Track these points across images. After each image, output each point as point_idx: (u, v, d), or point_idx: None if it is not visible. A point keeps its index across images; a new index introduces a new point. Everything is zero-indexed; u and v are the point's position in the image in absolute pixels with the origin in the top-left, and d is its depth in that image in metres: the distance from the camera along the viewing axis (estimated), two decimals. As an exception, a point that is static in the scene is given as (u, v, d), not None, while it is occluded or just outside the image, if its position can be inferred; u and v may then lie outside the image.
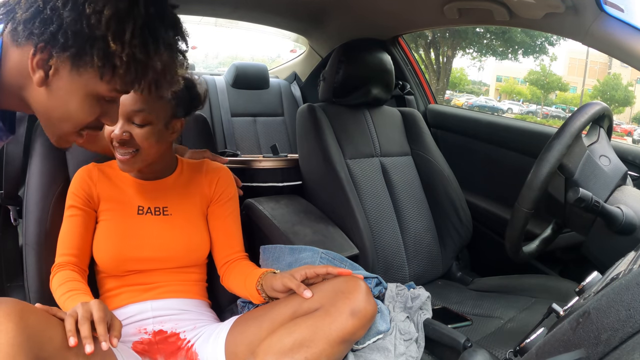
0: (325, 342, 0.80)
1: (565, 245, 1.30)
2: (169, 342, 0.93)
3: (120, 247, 0.96)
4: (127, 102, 0.89)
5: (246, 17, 2.10)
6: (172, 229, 1.00)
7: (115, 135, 0.90)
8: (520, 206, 0.98)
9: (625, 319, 0.38)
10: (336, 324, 0.81)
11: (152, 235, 0.99)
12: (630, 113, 16.91)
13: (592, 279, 0.68)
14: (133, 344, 0.91)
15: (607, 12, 1.05)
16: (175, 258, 1.00)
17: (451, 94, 17.87)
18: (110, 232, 0.98)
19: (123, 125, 0.90)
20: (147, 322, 0.95)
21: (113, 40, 0.60)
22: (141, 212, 1.00)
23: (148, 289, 0.98)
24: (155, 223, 1.00)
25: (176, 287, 1.00)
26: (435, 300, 1.21)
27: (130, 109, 0.89)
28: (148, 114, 0.91)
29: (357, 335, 0.85)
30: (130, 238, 0.97)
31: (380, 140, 1.58)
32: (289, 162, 1.63)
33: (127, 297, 0.97)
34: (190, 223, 1.02)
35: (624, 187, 1.00)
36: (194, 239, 1.02)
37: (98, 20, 0.59)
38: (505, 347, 1.00)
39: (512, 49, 13.73)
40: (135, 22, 0.61)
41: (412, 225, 1.50)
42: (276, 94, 2.50)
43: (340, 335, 0.81)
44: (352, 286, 0.85)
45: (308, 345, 0.80)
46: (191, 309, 1.00)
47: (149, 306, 0.97)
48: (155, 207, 1.02)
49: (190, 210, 1.04)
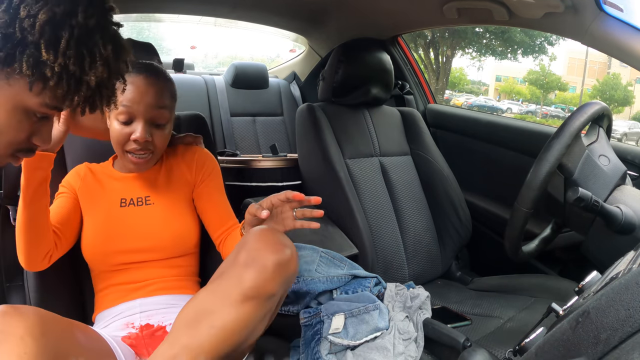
0: (226, 303, 0.71)
1: (564, 245, 1.30)
2: (156, 336, 0.93)
3: (104, 240, 0.96)
4: (151, 100, 0.91)
5: (245, 16, 2.09)
6: (154, 217, 1.00)
7: (138, 137, 0.91)
8: (520, 206, 0.98)
9: (625, 318, 0.38)
10: (231, 280, 0.73)
11: (135, 225, 0.99)
12: (630, 113, 16.93)
13: (591, 279, 0.68)
14: (121, 338, 0.90)
15: (607, 12, 1.05)
16: (161, 247, 0.99)
17: (450, 94, 17.89)
18: (94, 226, 0.98)
19: (145, 127, 0.92)
20: (135, 317, 0.94)
21: (46, 48, 0.55)
22: (124, 205, 1.01)
23: (137, 287, 0.97)
24: (137, 213, 1.00)
25: (166, 284, 0.99)
26: (434, 300, 1.21)
27: (154, 107, 0.92)
28: (169, 112, 0.95)
29: (267, 289, 0.73)
30: (114, 230, 0.97)
31: (380, 140, 1.58)
32: (288, 162, 1.63)
33: (116, 297, 0.97)
34: (173, 210, 1.02)
35: (624, 187, 1.00)
36: (178, 225, 1.01)
37: (32, 24, 0.54)
38: (504, 347, 1.00)
39: (511, 49, 13.75)
40: (72, 32, 0.57)
41: (412, 225, 1.50)
42: (275, 94, 2.50)
43: (240, 291, 0.71)
44: (247, 239, 0.78)
45: (211, 311, 0.72)
46: (179, 303, 0.93)
47: (137, 304, 0.96)
48: (138, 198, 1.02)
49: (174, 198, 1.03)
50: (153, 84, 0.93)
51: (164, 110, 0.94)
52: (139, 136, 0.91)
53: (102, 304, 0.98)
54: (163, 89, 0.95)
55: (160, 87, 0.94)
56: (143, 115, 0.92)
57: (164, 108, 0.94)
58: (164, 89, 0.95)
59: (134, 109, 0.91)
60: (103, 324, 0.94)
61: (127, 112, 0.91)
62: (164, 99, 0.94)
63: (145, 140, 0.92)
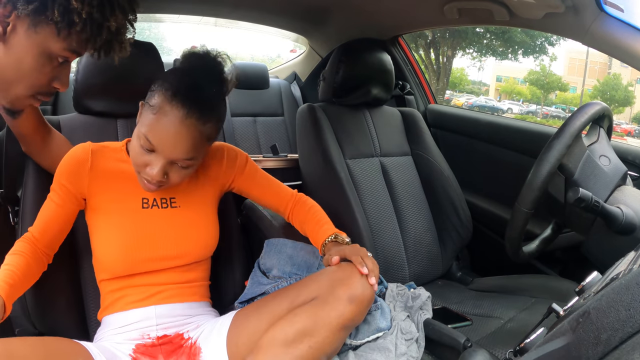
0: (327, 329, 0.80)
1: (565, 245, 1.30)
2: (173, 342, 0.92)
3: (129, 247, 0.89)
4: (180, 149, 0.81)
5: (246, 17, 2.09)
6: (183, 222, 0.93)
7: (152, 176, 0.83)
8: (520, 206, 0.98)
9: (625, 318, 0.38)
10: (335, 311, 0.81)
11: (163, 231, 0.91)
12: (630, 113, 16.91)
13: (592, 279, 0.68)
14: (136, 345, 0.90)
15: (607, 12, 1.05)
16: (187, 255, 0.94)
17: (451, 94, 17.89)
18: (115, 231, 0.90)
19: (163, 168, 0.83)
20: (151, 328, 0.91)
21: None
22: (146, 206, 0.92)
23: (152, 293, 0.92)
24: (164, 217, 0.92)
25: (180, 291, 0.95)
26: (435, 300, 1.21)
27: (181, 156, 0.82)
28: (196, 159, 0.86)
29: (357, 321, 0.86)
30: (140, 236, 0.90)
31: (380, 140, 1.58)
32: (288, 162, 1.63)
33: (130, 301, 0.92)
34: (201, 215, 0.96)
35: (624, 187, 1.00)
36: (204, 232, 0.96)
37: None
38: (505, 347, 1.00)
39: (512, 49, 13.74)
40: None
41: (412, 225, 1.50)
42: (276, 94, 2.50)
43: (341, 322, 0.81)
44: (348, 273, 0.84)
45: (311, 334, 0.80)
46: (194, 313, 0.97)
47: (152, 312, 0.91)
48: (162, 199, 0.93)
49: (200, 201, 0.97)
50: (192, 127, 0.81)
51: (192, 161, 0.85)
52: (152, 175, 0.83)
53: (112, 305, 0.93)
54: (201, 136, 0.83)
55: (198, 132, 0.82)
56: (165, 156, 0.82)
57: (192, 159, 0.84)
58: (202, 135, 0.83)
59: (158, 148, 0.82)
60: (114, 329, 0.91)
61: (149, 145, 0.82)
62: (196, 150, 0.83)
63: (158, 180, 0.84)
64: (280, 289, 0.93)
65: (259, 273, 1.09)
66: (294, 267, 1.05)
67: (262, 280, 1.05)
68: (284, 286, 0.99)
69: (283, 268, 1.06)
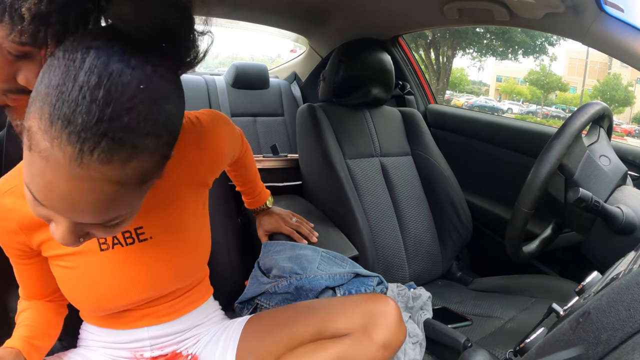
0: None
1: (565, 245, 1.30)
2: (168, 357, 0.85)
3: (99, 299, 0.72)
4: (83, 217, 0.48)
5: (246, 17, 2.09)
6: (158, 257, 0.72)
7: (59, 240, 0.51)
8: (520, 206, 0.98)
9: (625, 318, 0.38)
10: (366, 355, 0.76)
11: (135, 274, 0.71)
12: (630, 113, 16.91)
13: (592, 279, 0.68)
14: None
15: (607, 12, 1.05)
16: (174, 290, 0.80)
17: (451, 94, 17.89)
18: (76, 283, 0.71)
19: (72, 228, 0.50)
20: (145, 349, 0.81)
21: None
22: (105, 247, 0.69)
23: (144, 314, 0.79)
24: (131, 257, 0.70)
25: (176, 307, 0.82)
26: (435, 300, 1.21)
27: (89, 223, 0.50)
28: (124, 215, 0.52)
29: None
30: (106, 287, 0.71)
31: (380, 140, 1.58)
32: (288, 162, 1.63)
33: (119, 324, 0.79)
34: (181, 237, 0.74)
35: (624, 187, 1.00)
36: (191, 256, 0.77)
37: None
38: (505, 347, 1.00)
39: (512, 49, 13.75)
40: None
41: (412, 225, 1.50)
42: (276, 94, 2.50)
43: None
44: (382, 310, 0.80)
45: None
46: (193, 324, 0.86)
47: (145, 334, 0.80)
48: (125, 233, 0.69)
49: (179, 218, 0.74)
50: (95, 178, 0.44)
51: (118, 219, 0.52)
52: (58, 238, 0.50)
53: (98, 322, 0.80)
54: (121, 187, 0.46)
55: (112, 184, 0.45)
56: (67, 217, 0.49)
57: (117, 217, 0.51)
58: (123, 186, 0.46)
59: (51, 209, 0.47)
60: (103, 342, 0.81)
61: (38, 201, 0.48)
62: (116, 208, 0.49)
63: (70, 243, 0.51)
64: (301, 310, 0.85)
65: (259, 273, 1.09)
66: (294, 267, 1.05)
67: (263, 280, 1.05)
68: (284, 285, 0.99)
69: (283, 267, 1.06)
